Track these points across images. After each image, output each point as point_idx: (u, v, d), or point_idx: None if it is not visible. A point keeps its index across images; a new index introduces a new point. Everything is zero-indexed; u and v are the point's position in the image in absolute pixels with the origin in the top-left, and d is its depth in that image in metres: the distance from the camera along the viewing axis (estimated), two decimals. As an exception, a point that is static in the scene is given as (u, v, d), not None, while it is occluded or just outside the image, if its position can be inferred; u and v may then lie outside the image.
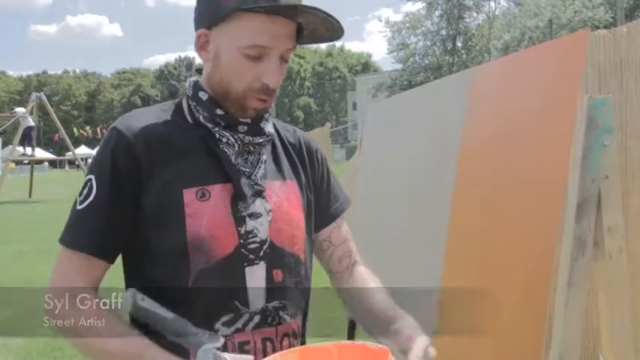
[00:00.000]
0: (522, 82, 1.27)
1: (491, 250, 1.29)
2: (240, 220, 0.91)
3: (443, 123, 1.68)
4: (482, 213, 1.37)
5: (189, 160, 0.92)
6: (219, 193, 0.91)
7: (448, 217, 1.53)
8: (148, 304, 0.86)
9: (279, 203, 0.96)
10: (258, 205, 0.94)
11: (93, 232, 0.90)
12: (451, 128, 1.57)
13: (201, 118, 0.95)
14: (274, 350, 0.92)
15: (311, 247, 1.04)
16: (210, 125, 0.94)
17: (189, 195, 0.89)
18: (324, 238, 1.08)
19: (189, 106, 0.98)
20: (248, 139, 0.95)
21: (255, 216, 0.93)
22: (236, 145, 0.94)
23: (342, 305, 2.94)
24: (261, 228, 0.93)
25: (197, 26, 0.95)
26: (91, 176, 0.91)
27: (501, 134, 1.32)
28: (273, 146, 1.03)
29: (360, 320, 1.04)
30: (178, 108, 0.99)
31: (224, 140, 0.94)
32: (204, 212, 0.89)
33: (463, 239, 1.46)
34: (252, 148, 0.97)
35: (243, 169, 0.95)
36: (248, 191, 0.93)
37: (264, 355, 0.90)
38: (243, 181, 0.93)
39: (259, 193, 0.94)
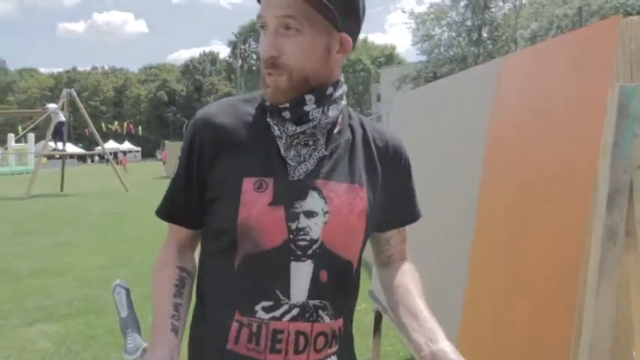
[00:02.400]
0: (551, 72, 1.26)
1: (520, 242, 1.29)
2: (292, 216, 0.92)
3: (470, 114, 1.67)
4: (510, 204, 1.36)
5: (255, 150, 0.95)
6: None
7: (475, 209, 1.52)
8: (117, 298, 1.03)
9: (339, 206, 0.95)
10: (313, 204, 0.94)
11: (170, 203, 1.03)
12: (478, 119, 1.56)
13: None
14: (306, 345, 0.94)
15: (362, 252, 1.03)
16: (269, 118, 0.96)
17: (247, 184, 0.93)
18: (386, 238, 1.10)
19: None
20: (292, 129, 0.94)
21: (310, 214, 0.93)
22: (283, 137, 0.95)
23: (367, 299, 2.91)
24: (314, 227, 0.93)
25: None
26: (180, 155, 1.03)
27: (530, 124, 1.31)
28: (352, 146, 1.01)
29: (392, 310, 1.05)
30: (261, 101, 1.01)
31: (276, 133, 0.95)
32: (257, 203, 0.92)
33: (491, 230, 1.45)
34: (302, 140, 0.95)
35: (291, 162, 0.94)
36: (288, 187, 0.93)
37: (296, 348, 0.93)
38: (286, 175, 0.93)
39: (301, 190, 0.93)
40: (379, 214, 1.03)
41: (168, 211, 1.03)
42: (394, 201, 1.06)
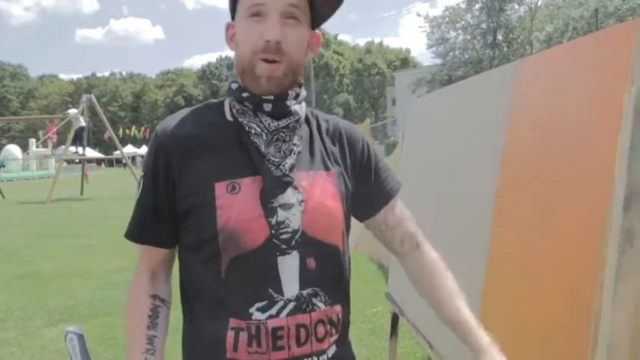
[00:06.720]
0: (568, 75, 1.27)
1: (536, 247, 1.29)
2: (270, 212, 0.92)
3: (487, 117, 1.68)
4: (526, 209, 1.36)
5: (222, 154, 0.95)
6: (249, 185, 0.93)
7: (491, 214, 1.53)
8: (70, 345, 0.99)
9: (311, 193, 0.96)
10: (289, 196, 0.94)
11: (139, 224, 1.01)
12: (495, 122, 1.57)
13: (234, 111, 0.98)
14: (307, 337, 0.94)
15: (348, 236, 1.04)
16: (241, 118, 0.96)
17: (220, 188, 0.92)
18: (379, 221, 1.08)
19: (230, 103, 1.00)
20: (274, 125, 0.95)
21: (286, 207, 0.93)
22: (264, 134, 0.95)
23: (383, 301, 2.92)
24: (292, 218, 0.93)
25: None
26: (142, 174, 1.01)
27: (547, 128, 1.32)
28: (310, 137, 1.03)
29: (428, 302, 1.07)
30: (219, 107, 1.02)
31: (252, 131, 0.95)
32: (234, 205, 0.91)
33: (507, 236, 1.46)
34: (283, 136, 0.96)
35: (273, 159, 0.94)
36: (275, 182, 0.93)
37: (297, 341, 0.93)
38: (272, 171, 0.93)
39: (287, 184, 0.94)
40: (356, 197, 1.04)
41: (139, 232, 1.00)
42: (367, 182, 1.07)
